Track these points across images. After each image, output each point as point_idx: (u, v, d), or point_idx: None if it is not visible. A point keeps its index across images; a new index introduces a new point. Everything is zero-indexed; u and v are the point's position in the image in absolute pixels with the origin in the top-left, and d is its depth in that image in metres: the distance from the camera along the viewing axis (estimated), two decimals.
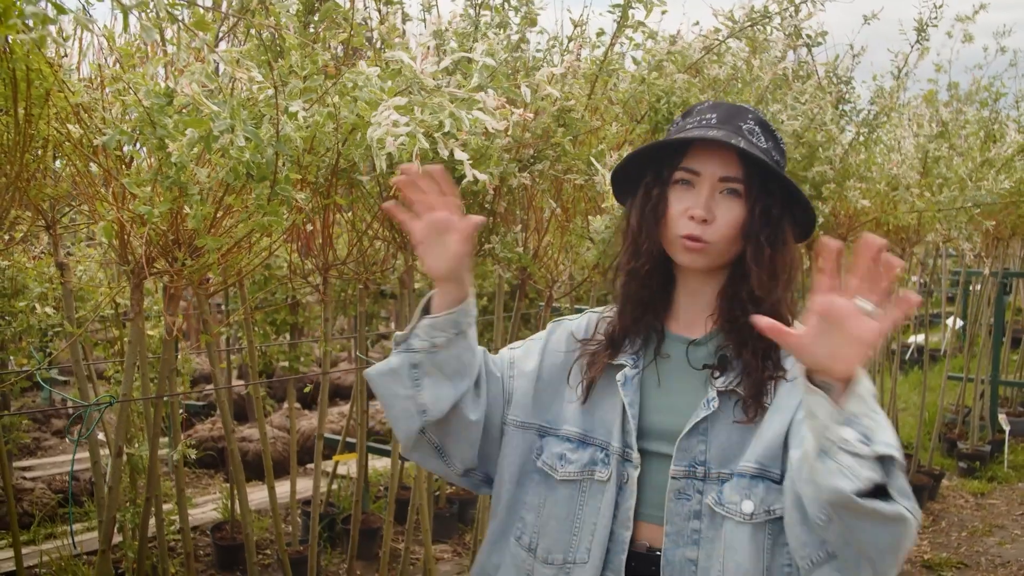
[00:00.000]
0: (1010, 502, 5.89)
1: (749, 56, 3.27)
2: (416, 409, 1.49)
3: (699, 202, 1.45)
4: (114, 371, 3.63)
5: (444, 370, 1.48)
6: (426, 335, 1.46)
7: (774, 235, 1.46)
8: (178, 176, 1.79)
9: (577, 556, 1.51)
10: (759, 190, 1.45)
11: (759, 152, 1.44)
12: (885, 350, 5.52)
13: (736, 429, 1.45)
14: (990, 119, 5.67)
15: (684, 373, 1.52)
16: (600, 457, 1.52)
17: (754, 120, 1.50)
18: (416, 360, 1.47)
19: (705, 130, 1.47)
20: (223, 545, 4.39)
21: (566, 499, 1.54)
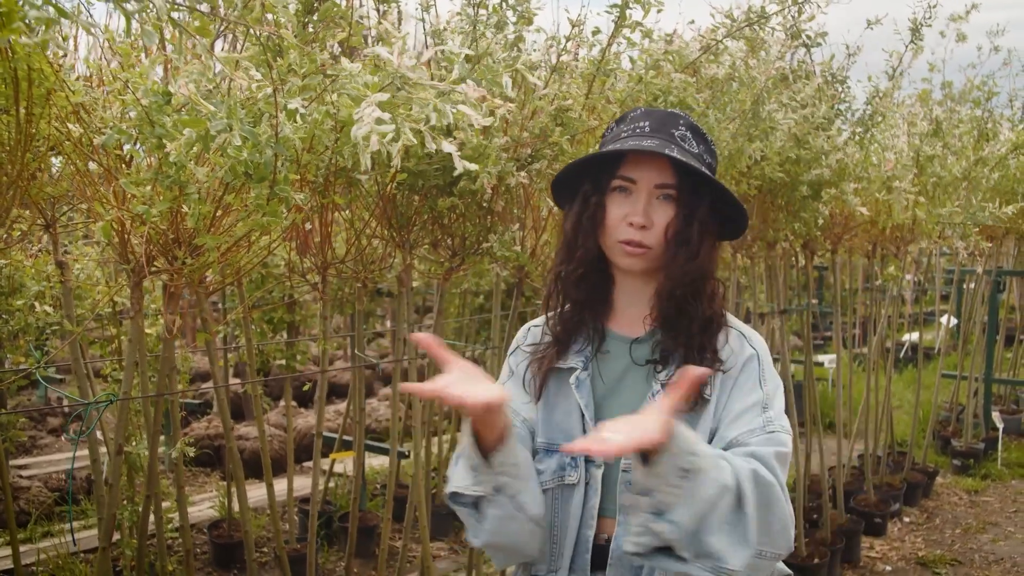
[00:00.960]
0: (1003, 499, 5.92)
1: (747, 56, 3.28)
2: (534, 527, 1.50)
3: (637, 209, 1.52)
4: (111, 369, 3.63)
5: (527, 474, 1.50)
6: (506, 465, 1.45)
7: (700, 238, 1.52)
8: (177, 175, 1.79)
9: (558, 563, 1.56)
10: (690, 195, 1.52)
11: (691, 158, 1.51)
12: (879, 348, 5.54)
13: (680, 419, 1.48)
14: (983, 118, 5.69)
15: (630, 370, 1.58)
16: (567, 461, 1.56)
17: (685, 126, 1.56)
18: (512, 491, 1.46)
19: (640, 139, 1.53)
20: (220, 543, 4.40)
21: (547, 509, 1.57)
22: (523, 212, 3.04)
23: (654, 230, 1.51)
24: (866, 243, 4.95)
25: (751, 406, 1.49)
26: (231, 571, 4.37)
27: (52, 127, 2.11)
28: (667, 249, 1.52)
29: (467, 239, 2.84)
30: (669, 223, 1.51)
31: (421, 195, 2.71)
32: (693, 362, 1.50)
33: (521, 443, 1.59)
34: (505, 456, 1.45)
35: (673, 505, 1.30)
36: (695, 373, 1.29)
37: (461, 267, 2.82)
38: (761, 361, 1.55)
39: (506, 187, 2.75)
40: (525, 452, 1.54)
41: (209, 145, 1.58)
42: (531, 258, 3.01)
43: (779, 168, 3.41)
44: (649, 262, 1.54)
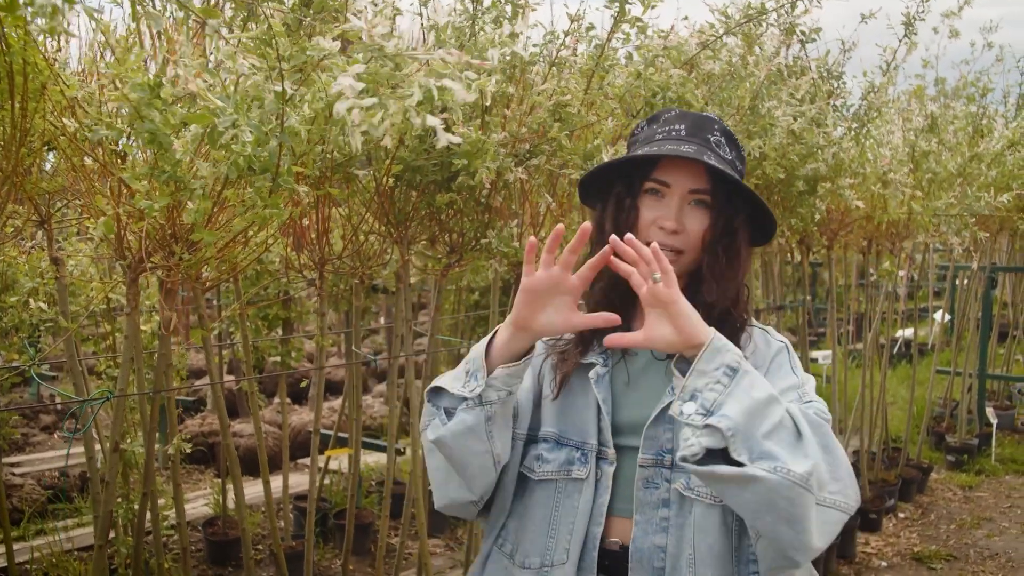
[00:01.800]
0: (997, 495, 5.93)
1: (745, 52, 3.27)
2: (493, 461, 1.51)
3: (670, 213, 1.51)
4: (105, 366, 3.61)
5: (508, 417, 1.52)
6: (503, 384, 1.46)
7: (730, 245, 1.52)
8: (174, 170, 1.78)
9: (555, 558, 1.54)
10: (724, 203, 1.52)
11: (726, 165, 1.51)
12: (874, 344, 5.55)
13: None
14: (978, 114, 5.70)
15: (650, 368, 1.57)
16: (577, 456, 1.55)
17: (720, 131, 1.56)
18: (490, 412, 1.47)
19: (677, 144, 1.52)
20: (215, 541, 4.38)
21: (542, 501, 1.57)
22: (521, 208, 3.03)
23: (685, 235, 1.51)
24: (861, 239, 4.95)
25: (786, 389, 1.46)
26: (226, 568, 4.36)
27: (47, 122, 2.09)
28: (703, 256, 1.52)
29: (465, 235, 2.83)
30: (706, 230, 1.51)
31: (419, 191, 2.70)
32: None
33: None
34: (509, 374, 1.45)
35: (722, 404, 1.29)
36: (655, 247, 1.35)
37: (459, 263, 2.81)
38: (790, 352, 1.56)
39: (504, 183, 2.74)
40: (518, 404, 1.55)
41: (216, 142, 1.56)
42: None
43: (778, 164, 3.41)
44: (680, 267, 1.52)
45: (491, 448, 1.49)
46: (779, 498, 1.28)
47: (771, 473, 1.27)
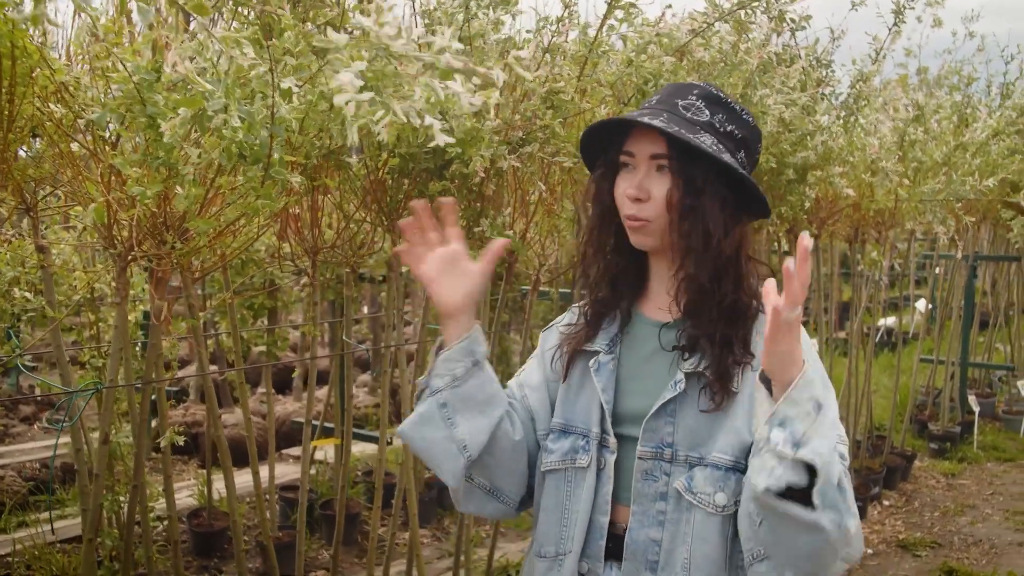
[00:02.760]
0: (980, 482, 5.98)
1: (737, 40, 3.25)
2: (456, 446, 1.49)
3: (634, 182, 1.47)
4: (89, 356, 3.56)
5: (472, 402, 1.49)
6: (445, 370, 1.47)
7: (699, 207, 1.45)
8: (168, 157, 1.74)
9: (568, 547, 1.53)
10: (685, 164, 1.44)
11: (686, 126, 1.44)
12: (859, 333, 5.56)
13: (700, 416, 1.47)
14: (963, 103, 5.72)
15: (656, 356, 1.54)
16: (580, 444, 1.54)
17: (698, 95, 1.50)
18: (443, 399, 1.48)
19: (638, 114, 1.48)
20: (200, 532, 4.34)
21: (552, 490, 1.56)
22: (513, 196, 3.00)
23: (651, 202, 1.46)
24: (848, 227, 4.96)
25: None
26: (211, 560, 4.32)
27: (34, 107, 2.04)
28: (673, 223, 1.46)
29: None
30: (668, 193, 1.45)
31: (411, 179, 2.66)
32: (718, 354, 1.46)
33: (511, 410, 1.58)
34: (446, 360, 1.46)
35: (810, 439, 1.25)
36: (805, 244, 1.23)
37: None
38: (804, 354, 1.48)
39: (497, 171, 2.71)
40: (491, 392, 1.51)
41: (205, 125, 1.53)
42: (521, 242, 2.98)
43: (768, 153, 3.40)
44: (654, 236, 1.48)
45: (451, 434, 1.48)
46: (828, 551, 1.29)
47: (835, 527, 1.26)
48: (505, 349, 6.20)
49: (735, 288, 1.48)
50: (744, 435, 1.44)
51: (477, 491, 1.57)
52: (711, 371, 1.46)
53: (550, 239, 3.14)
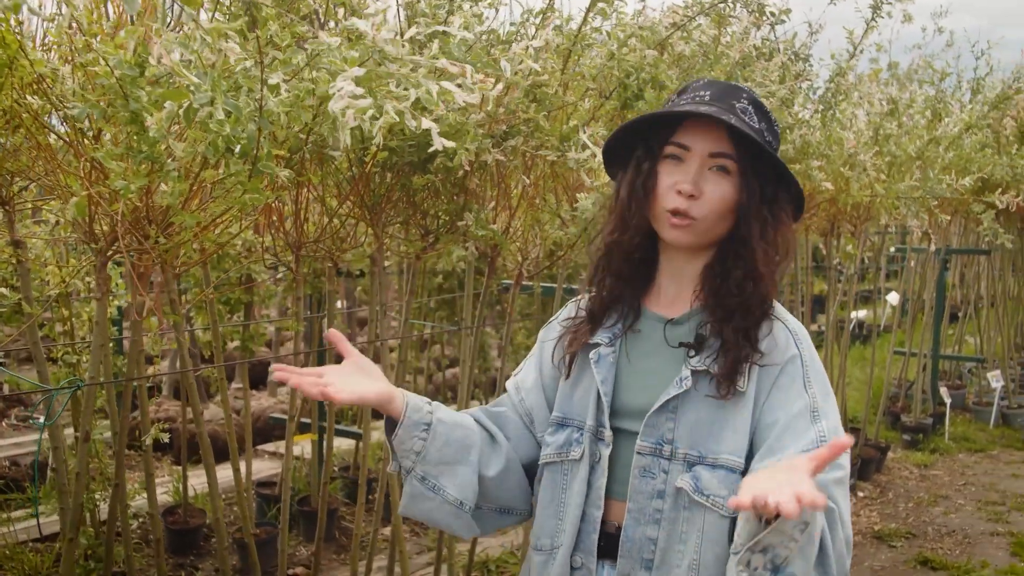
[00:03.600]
0: (952, 473, 6.05)
1: (717, 34, 3.26)
2: (453, 507, 1.52)
3: (687, 177, 1.44)
4: (63, 353, 3.50)
5: (447, 462, 1.51)
6: (404, 451, 1.49)
7: (774, 213, 1.46)
8: (151, 151, 1.71)
9: (564, 540, 1.52)
10: (750, 168, 1.43)
11: (751, 131, 1.43)
12: (834, 326, 5.60)
13: (707, 410, 1.46)
14: (936, 98, 5.78)
15: (661, 352, 1.52)
16: (575, 437, 1.53)
17: (748, 100, 1.48)
18: (419, 473, 1.50)
19: (697, 106, 1.45)
20: (176, 529, 4.29)
21: (549, 483, 1.56)
22: (495, 190, 2.99)
23: (703, 201, 1.44)
24: (824, 221, 4.98)
25: (798, 415, 1.43)
26: (187, 557, 4.28)
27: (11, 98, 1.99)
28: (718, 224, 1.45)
29: (440, 218, 2.78)
30: (726, 195, 1.43)
31: (395, 172, 2.64)
32: (732, 346, 1.45)
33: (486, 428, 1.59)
34: (399, 443, 1.48)
35: (792, 560, 1.28)
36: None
37: (435, 246, 2.76)
38: (805, 362, 1.48)
39: (481, 164, 2.70)
40: (455, 437, 1.52)
41: (191, 119, 1.50)
42: (504, 236, 2.96)
43: None
44: (696, 236, 1.46)
45: (443, 498, 1.51)
46: None
47: None
48: (481, 344, 6.18)
49: (764, 285, 1.47)
50: (746, 436, 1.44)
51: (491, 514, 1.60)
52: (719, 365, 1.45)
53: (532, 233, 3.13)
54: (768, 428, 1.44)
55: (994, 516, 5.23)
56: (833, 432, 1.42)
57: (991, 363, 7.57)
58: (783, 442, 1.41)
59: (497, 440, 1.59)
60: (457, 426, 1.53)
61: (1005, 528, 5.04)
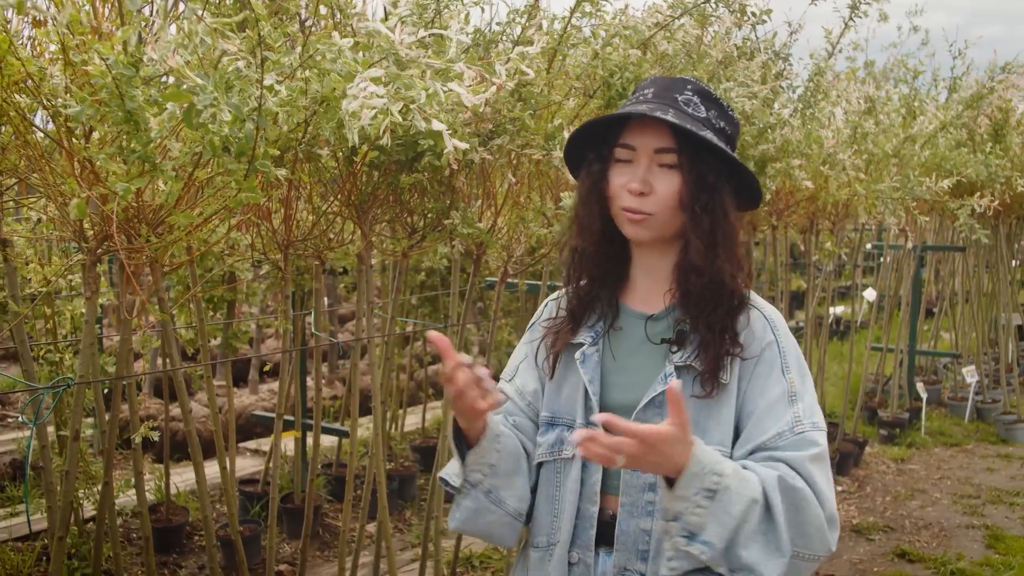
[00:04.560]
0: (928, 467, 6.13)
1: (701, 33, 3.29)
2: (511, 520, 1.57)
3: (636, 175, 1.48)
4: (44, 351, 3.49)
5: (508, 473, 1.55)
6: (478, 463, 1.52)
7: (711, 203, 1.47)
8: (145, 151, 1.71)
9: (560, 537, 1.55)
10: (692, 159, 1.46)
11: (692, 122, 1.46)
12: (812, 322, 5.66)
13: (692, 404, 1.49)
14: (911, 96, 5.84)
15: (644, 348, 1.55)
16: (566, 436, 1.56)
17: (693, 90, 1.51)
18: (486, 487, 1.53)
19: (636, 105, 1.49)
20: (158, 527, 4.28)
21: (544, 482, 1.59)
22: (481, 188, 3.01)
23: (654, 196, 1.47)
24: (803, 219, 5.03)
25: (776, 401, 1.47)
26: (170, 555, 4.27)
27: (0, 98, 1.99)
28: (674, 218, 1.48)
29: (427, 216, 2.79)
30: (680, 189, 1.46)
31: (382, 172, 2.65)
32: (711, 343, 1.48)
33: (518, 437, 1.61)
34: (478, 456, 1.50)
35: (703, 526, 1.33)
36: (675, 389, 1.29)
37: (421, 244, 2.77)
38: (782, 348, 1.52)
39: (468, 163, 2.71)
40: (512, 448, 1.56)
41: (193, 121, 1.51)
42: (490, 234, 2.98)
43: None
44: (654, 231, 1.50)
45: (504, 510, 1.55)
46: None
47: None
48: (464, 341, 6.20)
49: (732, 278, 1.50)
50: (732, 426, 1.48)
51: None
52: (702, 362, 1.48)
53: (517, 231, 3.15)
54: (749, 416, 1.48)
55: (969, 509, 5.31)
56: (808, 411, 1.47)
57: (966, 359, 7.67)
58: (763, 427, 1.46)
59: (527, 447, 1.62)
60: (511, 437, 1.58)
61: (980, 521, 5.11)
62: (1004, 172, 5.53)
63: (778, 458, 1.42)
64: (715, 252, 1.47)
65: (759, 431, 1.46)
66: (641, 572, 1.49)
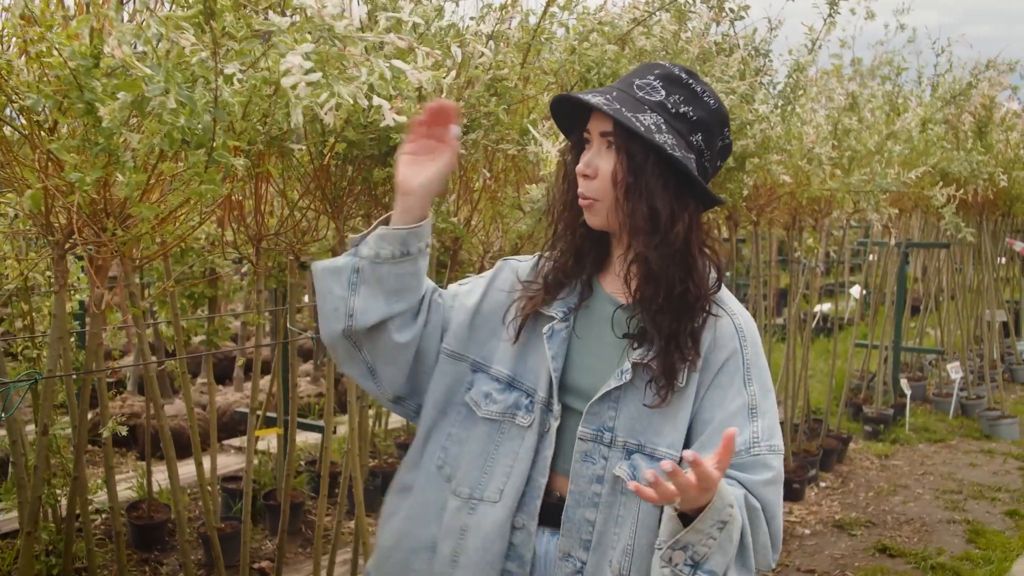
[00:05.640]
0: (912, 463, 6.14)
1: (677, 29, 3.29)
2: (345, 311, 1.52)
3: (585, 159, 1.49)
4: (23, 347, 3.48)
5: (383, 285, 1.51)
6: (375, 244, 1.50)
7: (641, 185, 1.44)
8: (108, 143, 1.71)
9: (485, 494, 1.53)
10: (624, 141, 1.44)
11: (631, 105, 1.43)
12: (796, 319, 5.67)
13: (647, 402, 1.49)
14: (894, 93, 5.85)
15: (608, 335, 1.55)
16: (524, 403, 1.55)
17: (659, 75, 1.48)
18: (358, 265, 1.50)
19: (583, 93, 1.49)
20: (140, 525, 4.28)
21: (483, 437, 1.56)
22: (457, 183, 3.00)
23: (598, 180, 1.47)
24: (786, 215, 5.04)
25: (735, 413, 1.46)
26: (151, 552, 4.26)
27: None
28: (618, 201, 1.46)
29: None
30: (613, 170, 1.45)
31: (356, 166, 2.65)
32: (666, 348, 1.46)
33: (439, 300, 1.60)
34: (382, 238, 1.49)
35: (710, 556, 1.34)
36: (730, 436, 1.28)
37: None
38: (747, 359, 1.50)
39: None
40: (408, 286, 1.52)
41: (144, 110, 1.50)
42: (466, 229, 2.98)
43: None
44: (601, 216, 1.49)
45: (347, 297, 1.51)
46: None
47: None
48: None
49: (684, 277, 1.46)
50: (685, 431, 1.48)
51: (359, 363, 1.58)
52: (658, 365, 1.47)
53: (494, 226, 3.15)
54: (704, 424, 1.48)
55: (951, 504, 5.32)
56: (767, 432, 1.47)
57: (951, 355, 7.69)
58: (716, 439, 1.41)
59: (419, 319, 1.58)
60: (417, 278, 1.54)
61: (962, 516, 5.13)
62: (987, 168, 5.54)
63: (733, 477, 1.42)
64: (660, 244, 1.45)
65: (713, 442, 1.42)
66: (582, 560, 1.49)
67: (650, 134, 1.41)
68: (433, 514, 1.57)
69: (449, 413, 1.60)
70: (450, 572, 1.54)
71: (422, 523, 1.58)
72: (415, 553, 1.58)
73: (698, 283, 1.48)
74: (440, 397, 1.60)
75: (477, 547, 1.51)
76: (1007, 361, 8.81)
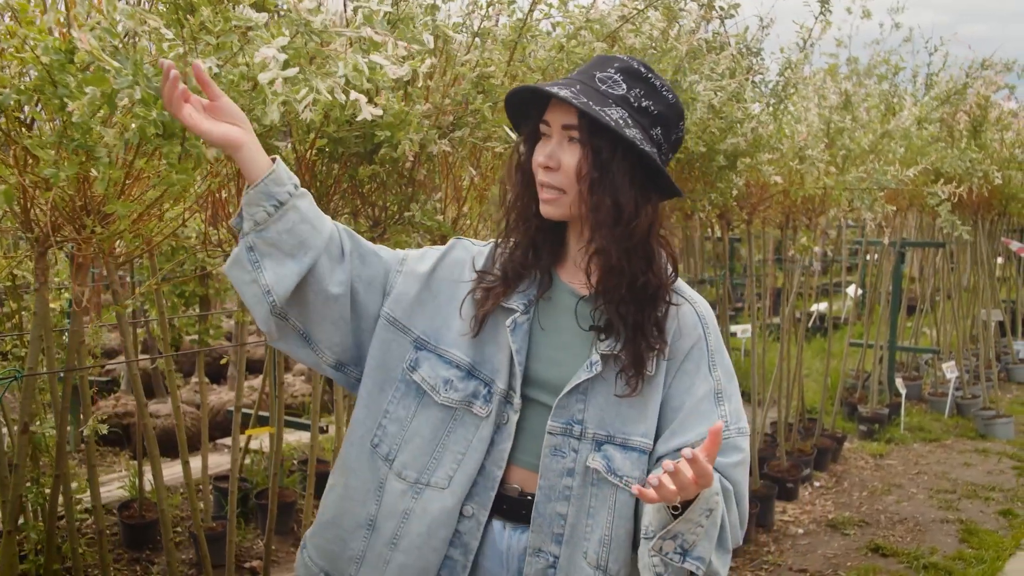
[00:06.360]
0: (906, 462, 6.14)
1: (667, 27, 3.28)
2: (262, 292, 1.48)
3: (545, 151, 1.47)
4: (12, 346, 3.48)
5: (281, 247, 1.47)
6: (248, 214, 1.46)
7: (602, 181, 1.44)
8: (83, 138, 1.70)
9: (432, 479, 1.52)
10: (591, 135, 1.44)
11: (597, 98, 1.43)
12: (791, 318, 5.67)
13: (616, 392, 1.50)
14: (889, 92, 5.85)
15: (571, 327, 1.54)
16: (483, 392, 1.53)
17: (617, 68, 1.49)
18: (250, 243, 1.46)
19: (547, 84, 1.48)
20: (131, 524, 4.27)
21: (436, 422, 1.54)
22: (444, 181, 2.99)
23: (561, 172, 1.46)
24: (780, 214, 5.03)
25: (702, 398, 1.49)
26: (143, 552, 4.26)
27: None
28: (582, 194, 1.45)
29: (388, 209, 2.78)
30: (578, 164, 1.44)
31: (341, 163, 2.64)
32: (632, 338, 1.47)
33: (376, 250, 1.58)
34: (249, 204, 1.45)
35: (698, 543, 1.38)
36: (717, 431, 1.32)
37: (383, 237, 2.76)
38: (710, 346, 1.53)
39: (428, 155, 2.70)
40: (305, 232, 1.48)
41: (114, 104, 1.49)
42: (453, 227, 2.97)
43: (699, 139, 3.43)
44: (563, 208, 1.48)
45: (257, 278, 1.47)
46: None
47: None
48: None
49: (645, 268, 1.47)
50: (656, 419, 1.50)
51: (291, 333, 1.55)
52: (626, 355, 1.47)
53: (482, 224, 3.14)
54: (674, 411, 1.49)
55: (945, 504, 5.32)
56: (735, 414, 1.50)
57: (946, 354, 7.68)
58: (688, 424, 1.47)
59: (344, 261, 1.54)
60: (309, 222, 1.49)
61: (955, 515, 5.12)
62: (982, 166, 5.54)
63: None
64: (621, 236, 1.45)
65: (684, 428, 1.47)
66: (555, 555, 1.49)
67: (620, 129, 1.41)
68: (371, 493, 1.55)
69: (386, 389, 1.57)
70: (388, 554, 1.52)
71: (358, 502, 1.56)
72: (352, 532, 1.56)
73: (658, 273, 1.49)
74: (376, 367, 1.57)
75: (421, 532, 1.50)
76: (1003, 361, 8.80)
